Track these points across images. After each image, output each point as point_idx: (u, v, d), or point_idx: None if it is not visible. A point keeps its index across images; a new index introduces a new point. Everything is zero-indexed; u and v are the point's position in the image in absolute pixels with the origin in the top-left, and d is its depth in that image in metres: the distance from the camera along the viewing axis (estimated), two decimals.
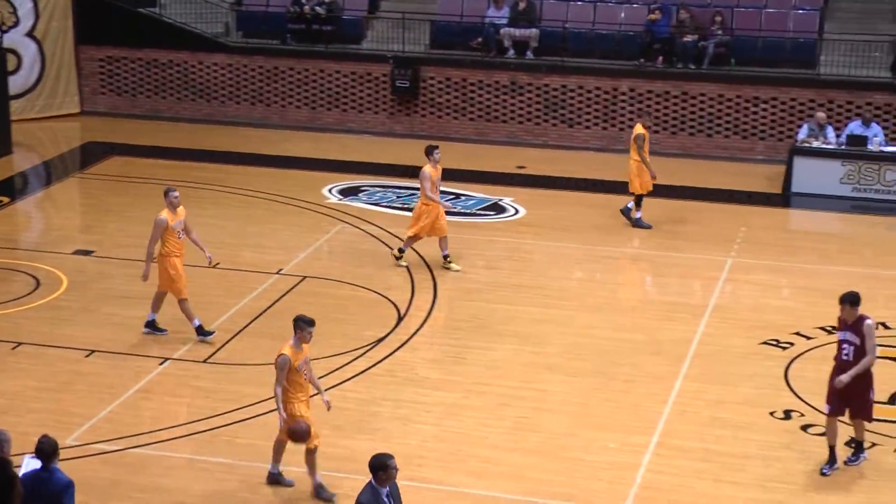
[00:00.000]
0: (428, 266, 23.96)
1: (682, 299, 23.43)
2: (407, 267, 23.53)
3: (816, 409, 18.22)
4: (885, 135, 29.30)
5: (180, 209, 20.08)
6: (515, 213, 27.05)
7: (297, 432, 15.26)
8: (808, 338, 21.27)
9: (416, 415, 18.09)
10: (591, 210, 26.79)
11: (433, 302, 22.34)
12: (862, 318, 16.16)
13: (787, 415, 18.60)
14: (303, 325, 15.24)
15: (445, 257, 23.49)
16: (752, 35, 31.92)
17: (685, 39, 31.47)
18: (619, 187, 26.97)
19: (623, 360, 20.17)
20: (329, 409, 15.60)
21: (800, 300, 23.24)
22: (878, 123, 29.57)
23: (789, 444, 17.55)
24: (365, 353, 20.19)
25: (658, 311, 22.86)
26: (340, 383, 19.07)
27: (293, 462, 15.87)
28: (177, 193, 20.05)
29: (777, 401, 19.07)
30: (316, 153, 31.14)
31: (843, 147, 28.77)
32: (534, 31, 32.13)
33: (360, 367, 19.75)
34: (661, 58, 31.62)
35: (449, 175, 27.05)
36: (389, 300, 22.33)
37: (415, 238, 23.41)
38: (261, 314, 21.52)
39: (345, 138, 32.59)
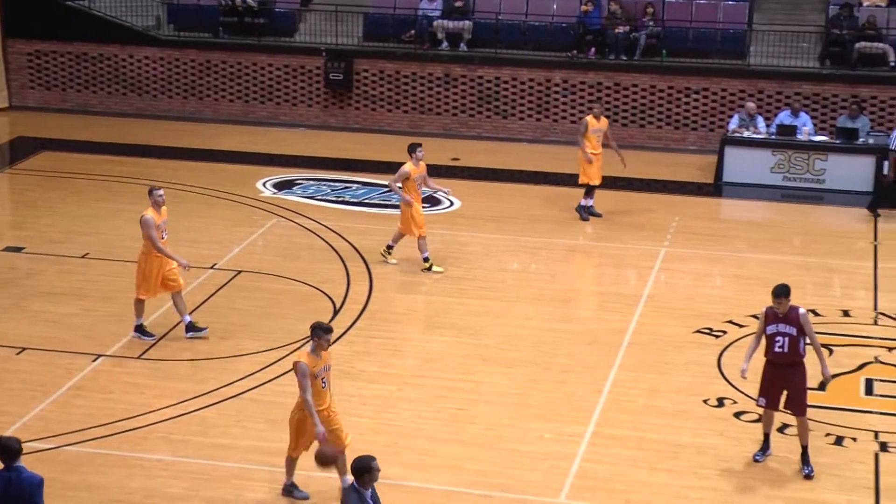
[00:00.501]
0: (363, 258, 23.94)
1: (617, 289, 23.67)
2: (436, 271, 23.27)
3: (749, 397, 18.35)
4: (814, 124, 29.74)
5: (164, 208, 19.82)
6: (451, 206, 27.07)
7: (326, 456, 14.43)
8: (741, 326, 21.46)
9: (353, 408, 17.86)
10: (526, 201, 26.95)
11: (369, 295, 22.29)
12: (795, 309, 16.23)
13: (721, 402, 18.70)
14: (319, 332, 14.95)
15: (389, 247, 23.47)
16: (683, 26, 32.15)
17: (617, 31, 31.71)
18: (554, 178, 27.36)
19: (559, 351, 20.23)
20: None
21: (731, 289, 23.55)
22: (806, 113, 29.98)
23: (723, 432, 17.72)
24: (301, 346, 19.81)
25: (593, 302, 23.21)
26: (276, 377, 19.00)
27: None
28: (161, 192, 19.86)
29: (710, 388, 19.19)
30: (250, 147, 31.17)
31: (773, 137, 29.23)
32: (467, 23, 32.27)
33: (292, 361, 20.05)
34: (593, 49, 31.79)
35: (385, 168, 27.87)
36: (325, 293, 22.29)
37: (420, 239, 23.14)
38: (195, 309, 21.22)
39: (278, 132, 32.73)
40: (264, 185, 28.32)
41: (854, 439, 17.80)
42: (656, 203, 27.98)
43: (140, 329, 20.18)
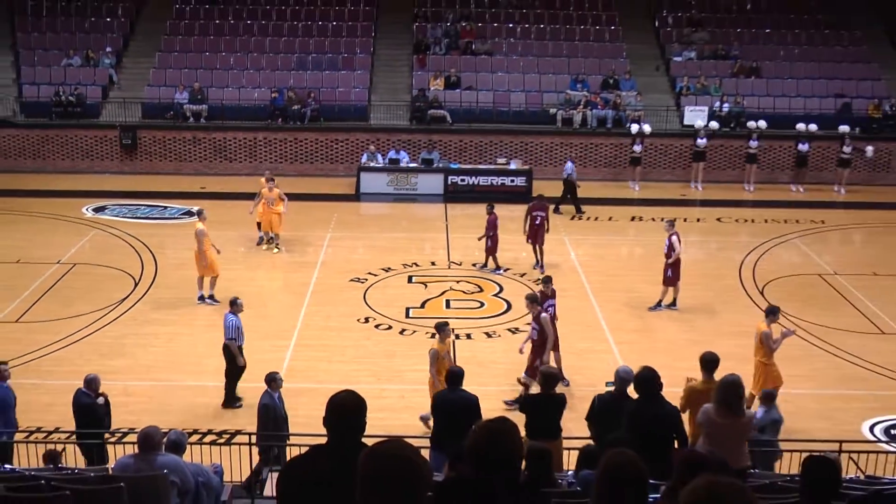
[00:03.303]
0: (151, 253, 24.44)
1: (303, 258, 24.25)
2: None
3: (385, 316, 20.24)
4: (409, 156, 31.55)
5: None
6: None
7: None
8: (375, 275, 23.00)
9: (150, 343, 18.94)
10: (243, 211, 25.50)
11: (155, 273, 23.08)
12: (539, 311, 16.30)
13: (366, 320, 20.30)
14: (445, 328, 14.98)
15: (270, 239, 23.87)
16: (332, 103, 33.58)
17: (293, 107, 32.92)
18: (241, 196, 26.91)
19: (269, 300, 21.35)
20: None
21: (368, 254, 24.71)
22: (405, 152, 31.96)
23: (368, 336, 19.29)
24: (115, 307, 20.73)
25: (289, 267, 23.82)
26: (101, 328, 19.60)
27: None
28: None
29: (360, 312, 20.67)
30: (76, 187, 30.85)
31: (387, 165, 31.23)
32: (204, 107, 33.03)
33: (113, 316, 20.37)
34: (280, 119, 32.91)
35: (164, 195, 29.12)
36: (129, 274, 22.95)
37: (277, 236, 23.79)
38: (47, 291, 21.54)
39: (93, 177, 32.38)
40: (86, 209, 28.41)
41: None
42: (322, 208, 28.72)
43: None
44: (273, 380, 13.41)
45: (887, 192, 33.29)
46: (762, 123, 32.66)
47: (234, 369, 16.33)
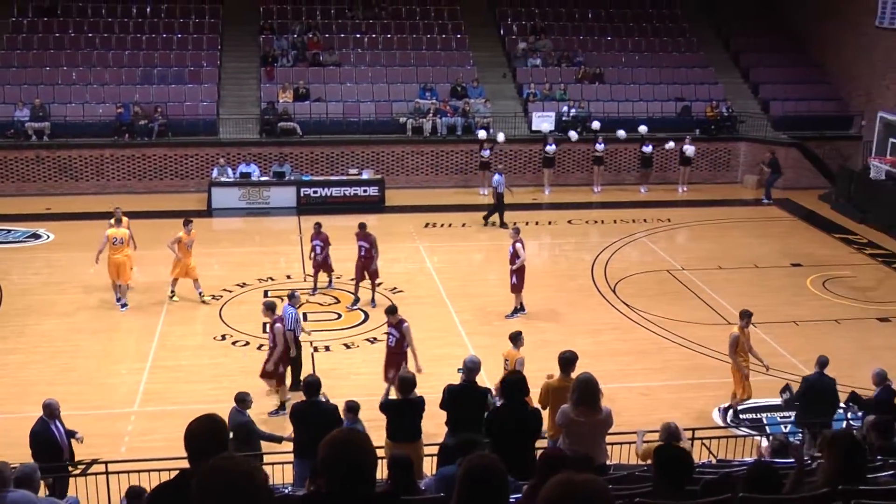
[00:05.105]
0: None
1: (156, 277, 22.74)
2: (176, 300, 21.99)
3: (242, 332, 19.97)
4: (260, 170, 30.96)
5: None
6: (48, 238, 27.02)
7: None
8: (230, 291, 22.64)
9: None
10: (95, 231, 24.18)
11: None
12: (401, 321, 16.21)
13: (223, 337, 20.02)
14: (518, 336, 15.25)
15: (200, 293, 22.19)
16: (180, 117, 32.85)
17: (140, 123, 32.11)
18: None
19: (122, 321, 20.93)
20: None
21: (222, 270, 24.15)
22: (256, 164, 31.43)
23: (226, 354, 18.96)
24: None
25: (141, 287, 22.62)
26: None
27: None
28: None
29: (216, 329, 20.38)
30: None
31: (237, 179, 30.60)
32: (46, 124, 31.96)
33: None
34: (127, 135, 32.10)
35: (6, 218, 28.06)
36: None
37: (175, 281, 22.00)
38: None
39: None
40: None
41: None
42: (174, 224, 24.01)
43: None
44: (243, 400, 13.36)
45: (727, 189, 34.73)
46: (595, 124, 33.58)
47: (296, 358, 17.15)
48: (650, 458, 11.81)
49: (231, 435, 12.74)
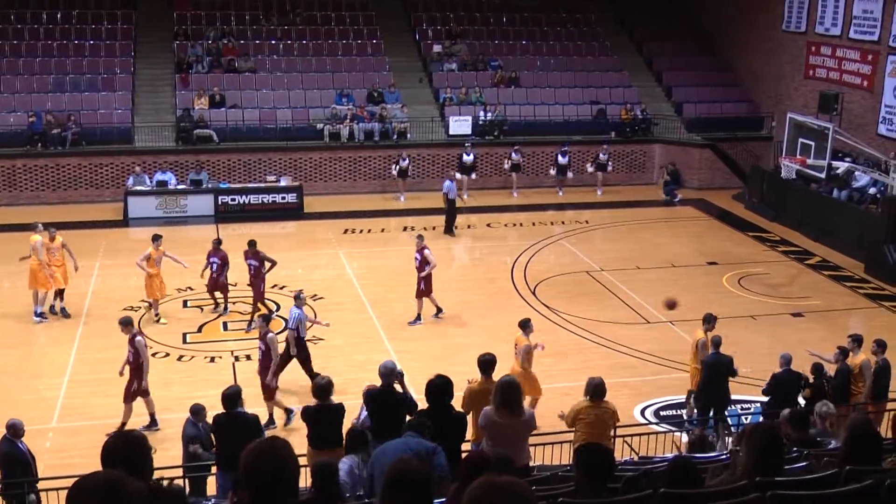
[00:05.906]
0: None
1: (71, 290, 22.21)
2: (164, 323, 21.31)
3: (161, 343, 19.52)
4: (177, 178, 30.67)
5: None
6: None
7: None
8: (147, 302, 21.58)
9: None
10: (6, 244, 24.96)
11: None
12: (267, 332, 16.11)
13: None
14: (527, 323, 16.07)
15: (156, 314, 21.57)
16: (94, 125, 32.33)
17: (53, 131, 31.52)
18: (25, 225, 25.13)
19: (39, 335, 20.59)
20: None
21: (140, 281, 21.96)
22: (172, 172, 31.00)
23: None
24: None
25: (69, 303, 21.98)
26: None
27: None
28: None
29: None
30: None
31: (154, 188, 30.23)
32: None
33: None
34: (39, 144, 31.27)
35: None
36: None
37: (156, 303, 21.56)
38: None
39: None
40: None
41: (220, 357, 19.31)
42: (90, 235, 27.28)
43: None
44: (199, 411, 13.26)
45: (643, 190, 35.31)
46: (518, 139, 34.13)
47: (301, 356, 17.35)
48: (577, 421, 12.03)
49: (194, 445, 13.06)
